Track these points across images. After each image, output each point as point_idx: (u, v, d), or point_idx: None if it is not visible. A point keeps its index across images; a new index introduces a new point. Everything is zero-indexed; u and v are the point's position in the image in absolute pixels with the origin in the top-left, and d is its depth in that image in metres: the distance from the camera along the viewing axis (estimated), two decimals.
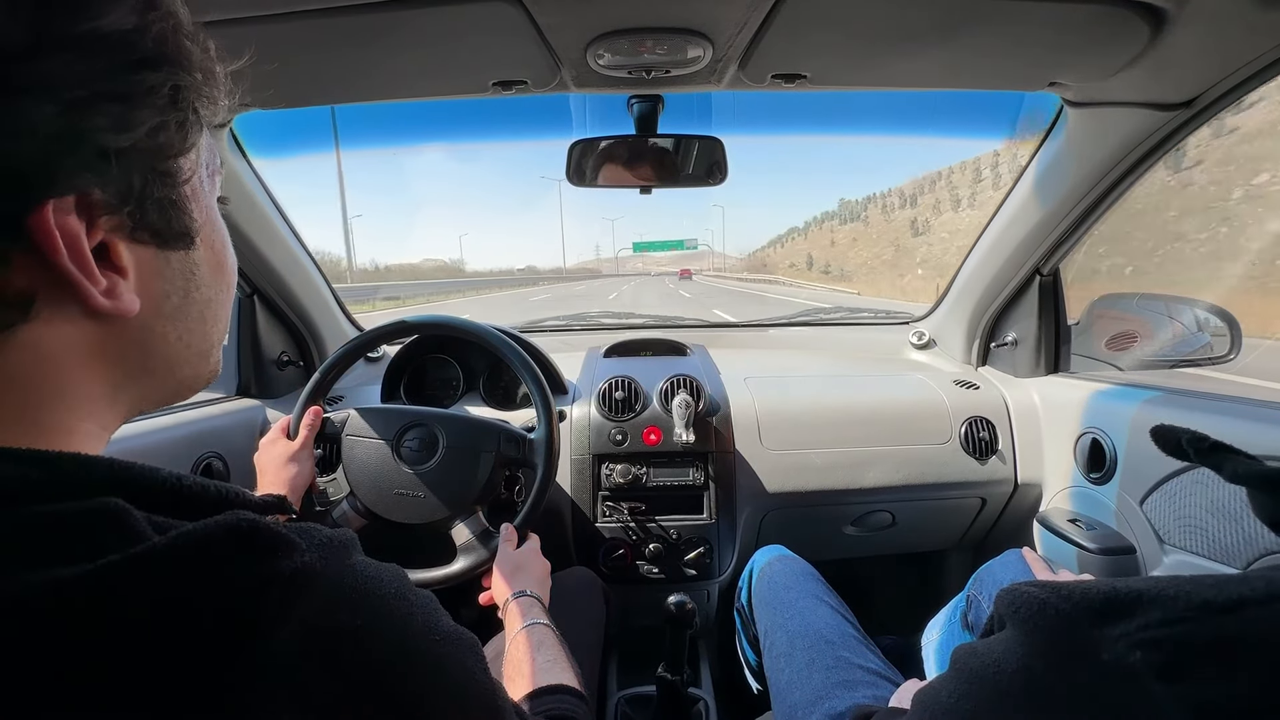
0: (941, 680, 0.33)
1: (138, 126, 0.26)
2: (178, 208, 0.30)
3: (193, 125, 0.29)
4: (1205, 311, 1.11)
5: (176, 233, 0.30)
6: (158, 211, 0.29)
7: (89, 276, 0.26)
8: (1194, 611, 0.25)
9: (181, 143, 0.29)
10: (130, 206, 0.27)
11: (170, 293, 0.31)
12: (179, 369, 0.33)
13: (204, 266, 0.33)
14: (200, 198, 0.32)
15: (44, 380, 0.27)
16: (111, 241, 0.27)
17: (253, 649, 0.23)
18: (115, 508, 0.24)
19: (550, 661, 0.63)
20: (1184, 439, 0.35)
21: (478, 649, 0.34)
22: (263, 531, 0.25)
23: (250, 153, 1.07)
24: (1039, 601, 0.29)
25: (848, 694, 0.72)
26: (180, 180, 0.30)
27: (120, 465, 0.26)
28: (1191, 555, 0.85)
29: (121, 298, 0.28)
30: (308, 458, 0.89)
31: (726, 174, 0.96)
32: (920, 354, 1.51)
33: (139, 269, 0.29)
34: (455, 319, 0.99)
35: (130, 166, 0.27)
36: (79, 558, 0.22)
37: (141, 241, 0.29)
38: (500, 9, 0.63)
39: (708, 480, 1.14)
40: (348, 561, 0.28)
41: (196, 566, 0.23)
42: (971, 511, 1.25)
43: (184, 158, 0.29)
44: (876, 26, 0.70)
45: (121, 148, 0.26)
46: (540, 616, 0.71)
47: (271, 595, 0.24)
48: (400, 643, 0.28)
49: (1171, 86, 0.80)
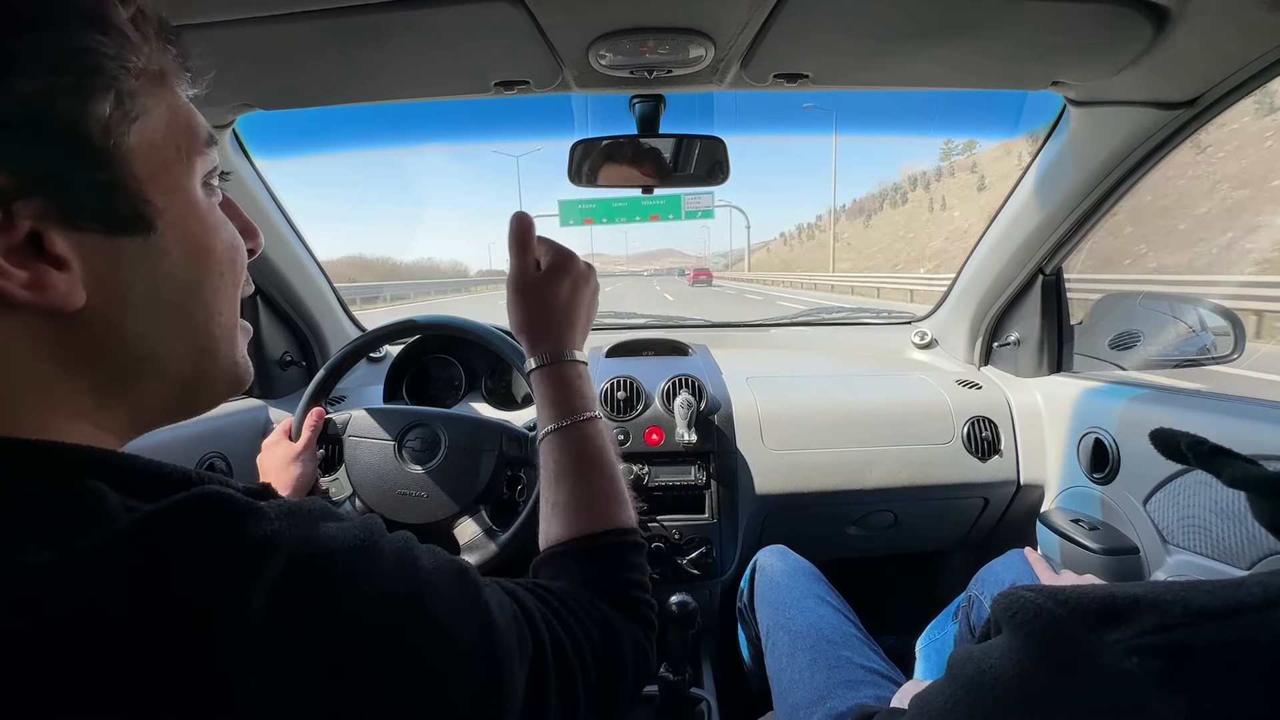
0: (938, 685, 0.33)
1: (20, 94, 0.23)
2: (121, 189, 0.27)
3: (98, 89, 0.26)
4: (1208, 311, 1.11)
5: (124, 217, 0.27)
6: (93, 195, 0.26)
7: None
8: (1191, 617, 0.25)
9: (96, 113, 0.25)
10: (48, 190, 0.25)
11: (133, 282, 0.28)
12: (170, 367, 0.31)
13: (175, 253, 0.29)
14: (163, 179, 0.29)
15: (8, 381, 0.26)
16: (41, 229, 0.25)
17: (225, 617, 0.23)
18: (90, 489, 0.24)
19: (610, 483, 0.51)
20: (1184, 443, 0.35)
21: (465, 575, 0.33)
22: (229, 503, 0.25)
23: (253, 153, 1.07)
24: (1035, 607, 0.29)
25: (850, 694, 0.72)
26: (118, 158, 0.27)
27: (98, 451, 0.26)
28: (1195, 556, 0.85)
29: (53, 289, 0.25)
30: (310, 459, 0.89)
31: (729, 174, 0.96)
32: (922, 354, 1.51)
33: (86, 258, 0.26)
34: (458, 319, 1.00)
35: (30, 143, 0.24)
36: (50, 541, 0.22)
37: (81, 229, 0.26)
38: (502, 9, 0.63)
39: (709, 480, 1.14)
40: (316, 527, 0.28)
41: (166, 539, 0.23)
42: (974, 511, 1.25)
43: (117, 134, 0.26)
44: (879, 26, 0.70)
45: (6, 118, 0.23)
46: (594, 407, 0.53)
47: (241, 563, 0.24)
48: (374, 596, 0.27)
49: (1175, 85, 0.80)
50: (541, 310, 0.53)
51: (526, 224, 0.55)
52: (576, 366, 0.53)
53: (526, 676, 0.34)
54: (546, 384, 0.52)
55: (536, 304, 0.53)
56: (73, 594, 0.21)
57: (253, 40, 0.66)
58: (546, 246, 0.56)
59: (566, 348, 0.53)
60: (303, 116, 0.94)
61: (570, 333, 0.53)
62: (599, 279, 0.59)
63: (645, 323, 1.80)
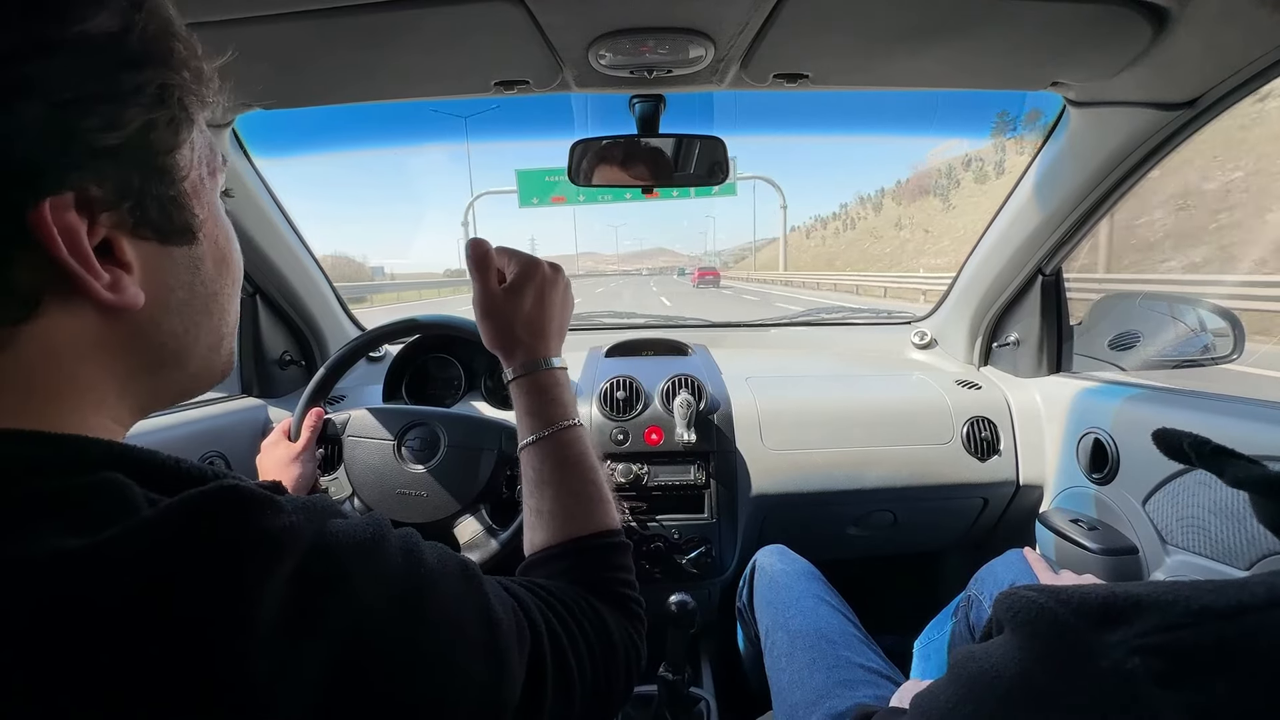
0: (940, 684, 0.33)
1: (127, 125, 0.27)
2: (177, 204, 0.30)
3: (183, 122, 0.30)
4: (1208, 311, 1.11)
5: (178, 228, 0.31)
6: (158, 208, 0.29)
7: (90, 271, 0.27)
8: (1192, 617, 0.25)
9: (173, 139, 0.29)
10: (129, 203, 0.28)
11: (175, 287, 0.32)
12: (189, 363, 0.34)
13: (208, 261, 0.33)
14: (201, 194, 0.32)
15: (52, 373, 0.28)
16: (114, 238, 0.28)
17: (244, 608, 0.24)
18: (116, 482, 0.25)
19: (594, 488, 0.52)
20: (1186, 443, 0.35)
21: (468, 570, 0.35)
22: (249, 495, 0.26)
23: (253, 152, 1.07)
24: (1037, 606, 0.29)
25: (849, 693, 0.72)
26: (178, 177, 0.30)
27: (121, 446, 0.28)
28: (1195, 556, 0.85)
29: (126, 291, 0.28)
30: (310, 459, 0.89)
31: (729, 173, 0.96)
32: (922, 354, 1.51)
33: (143, 264, 0.30)
34: (458, 318, 1.00)
35: (124, 164, 0.27)
36: (81, 530, 0.23)
37: (144, 237, 0.29)
38: (502, 9, 0.63)
39: (709, 479, 1.14)
40: (328, 521, 0.29)
41: (188, 530, 0.24)
42: (973, 511, 1.25)
43: (179, 154, 0.30)
44: (879, 26, 0.70)
45: (113, 145, 0.26)
46: (573, 415, 0.55)
47: (261, 554, 0.25)
48: (383, 588, 0.29)
49: (1174, 86, 0.80)
50: (508, 324, 0.54)
51: (482, 248, 0.55)
52: (553, 374, 0.54)
53: (525, 669, 0.35)
54: (524, 395, 0.53)
55: (503, 320, 0.54)
56: (102, 577, 0.22)
57: (252, 40, 0.66)
58: (509, 257, 0.56)
59: (540, 357, 0.54)
60: (302, 116, 0.94)
61: (542, 341, 0.54)
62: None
63: (645, 322, 1.80)
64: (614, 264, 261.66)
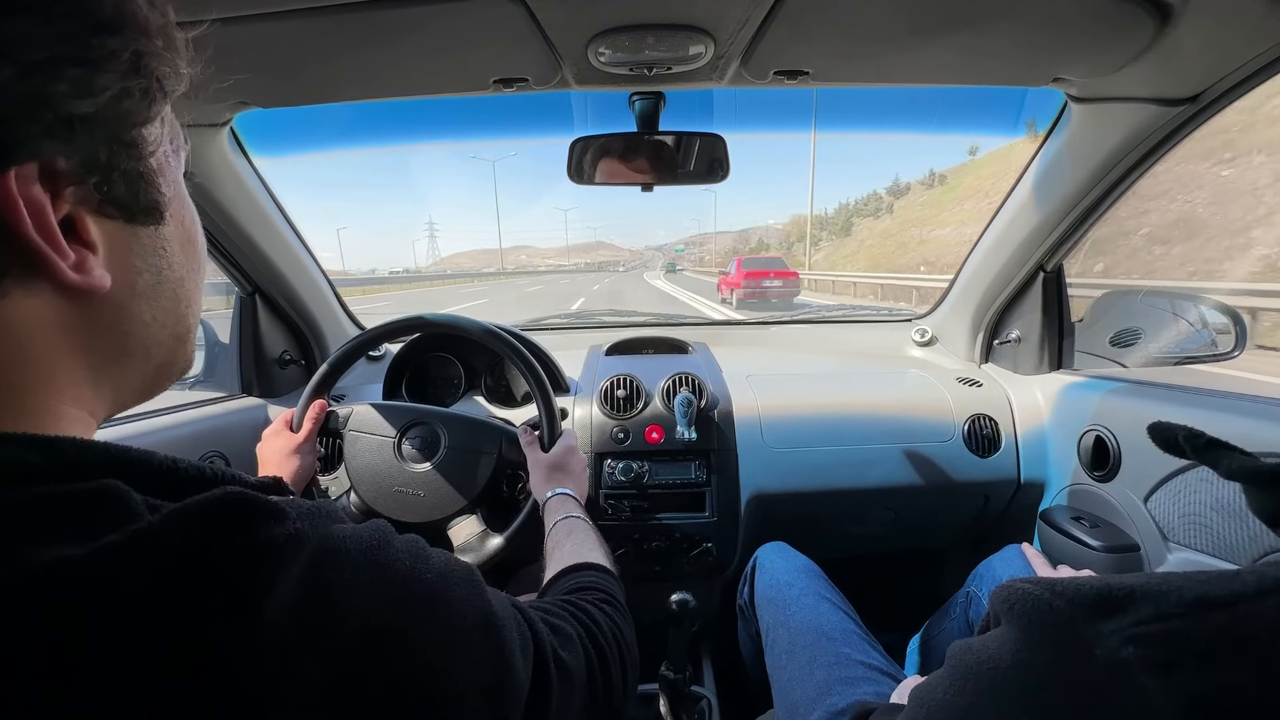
0: (938, 676, 0.34)
1: (100, 92, 0.25)
2: (145, 181, 0.29)
3: (156, 94, 0.28)
4: (1210, 308, 1.10)
5: (145, 207, 0.29)
6: (125, 184, 0.28)
7: (56, 249, 0.25)
8: (1186, 607, 0.25)
9: (146, 110, 0.28)
10: (95, 178, 0.26)
11: (142, 270, 0.30)
12: (154, 352, 0.32)
13: (174, 243, 0.32)
14: (167, 172, 0.31)
15: (21, 362, 0.26)
16: (78, 215, 0.27)
17: (248, 615, 0.23)
18: (115, 489, 0.24)
19: (579, 545, 0.68)
20: (1181, 435, 0.35)
21: (472, 576, 0.35)
22: (253, 502, 0.26)
23: (251, 152, 1.07)
24: (1033, 598, 0.29)
25: (849, 690, 0.72)
26: (146, 152, 0.29)
27: (117, 449, 0.27)
28: (1196, 553, 0.85)
29: (92, 272, 0.27)
30: (310, 451, 0.89)
31: (728, 171, 0.96)
32: (923, 351, 1.51)
33: (108, 244, 0.28)
34: (459, 317, 0.99)
35: (95, 135, 0.26)
36: (80, 537, 0.22)
37: (109, 216, 0.28)
38: (501, 6, 0.62)
39: (710, 478, 1.14)
40: (332, 527, 0.29)
41: (192, 538, 0.24)
42: (974, 509, 1.25)
43: (149, 127, 0.29)
44: (879, 22, 0.70)
45: (84, 114, 0.25)
46: (574, 510, 0.77)
47: (266, 561, 0.25)
48: (388, 593, 0.28)
49: (1177, 82, 0.80)
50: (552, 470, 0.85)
51: None
52: (570, 497, 0.80)
53: (530, 671, 0.36)
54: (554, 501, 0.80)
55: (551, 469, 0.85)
56: (103, 586, 0.22)
57: (251, 38, 0.65)
58: None
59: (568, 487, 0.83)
60: (302, 115, 0.93)
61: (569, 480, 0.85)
62: None
63: (645, 321, 1.80)
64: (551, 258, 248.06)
